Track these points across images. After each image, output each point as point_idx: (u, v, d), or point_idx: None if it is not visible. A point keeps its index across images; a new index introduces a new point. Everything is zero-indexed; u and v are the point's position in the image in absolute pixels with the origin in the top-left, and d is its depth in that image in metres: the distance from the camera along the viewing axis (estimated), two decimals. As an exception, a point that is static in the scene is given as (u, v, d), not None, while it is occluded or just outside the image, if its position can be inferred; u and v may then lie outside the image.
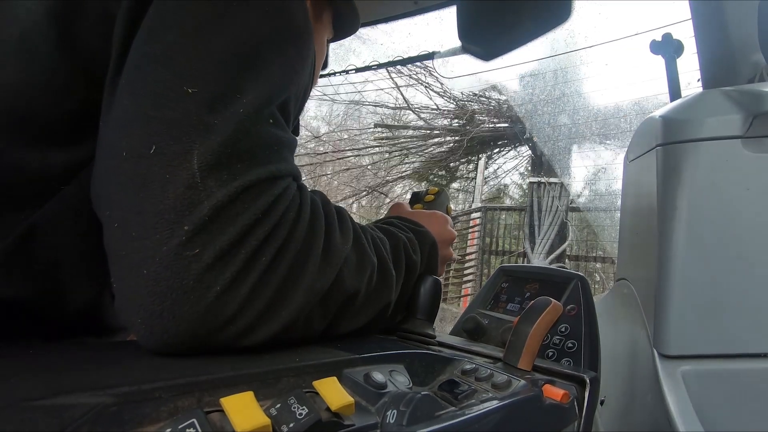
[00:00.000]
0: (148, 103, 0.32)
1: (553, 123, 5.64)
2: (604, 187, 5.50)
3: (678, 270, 0.61)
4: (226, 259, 0.31)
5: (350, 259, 0.39)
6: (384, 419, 0.30)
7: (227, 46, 0.33)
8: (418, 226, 0.54)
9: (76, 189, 0.36)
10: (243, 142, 0.33)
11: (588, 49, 5.51)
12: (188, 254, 0.30)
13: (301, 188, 0.38)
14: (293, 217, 0.35)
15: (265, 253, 0.32)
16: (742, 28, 0.79)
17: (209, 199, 0.30)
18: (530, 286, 0.64)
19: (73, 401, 0.23)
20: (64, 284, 0.38)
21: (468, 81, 6.14)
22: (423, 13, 1.06)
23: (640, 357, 0.65)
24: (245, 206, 0.32)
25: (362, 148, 8.87)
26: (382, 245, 0.45)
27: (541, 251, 5.35)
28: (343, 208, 0.43)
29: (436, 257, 0.53)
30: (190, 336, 0.31)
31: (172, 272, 0.30)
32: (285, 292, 0.34)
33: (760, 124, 0.61)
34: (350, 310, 0.41)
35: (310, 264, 0.35)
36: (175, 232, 0.30)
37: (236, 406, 0.25)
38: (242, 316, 0.32)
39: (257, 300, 0.32)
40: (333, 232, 0.38)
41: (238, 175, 0.32)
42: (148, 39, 0.33)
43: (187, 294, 0.30)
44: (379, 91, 8.29)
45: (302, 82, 0.40)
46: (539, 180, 5.59)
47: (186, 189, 0.30)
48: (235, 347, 0.33)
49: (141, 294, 0.30)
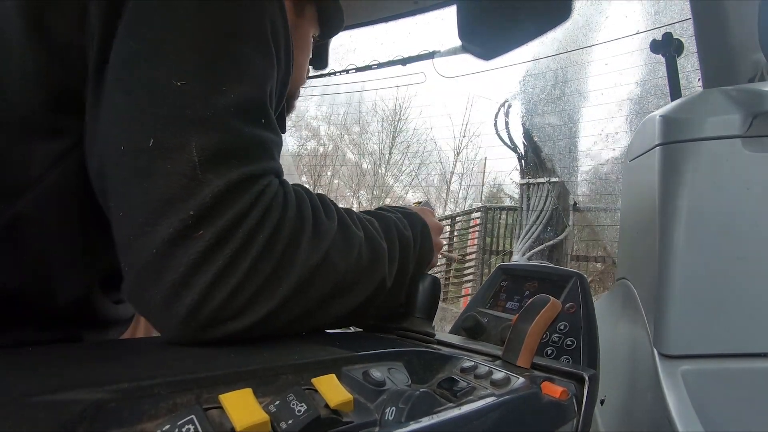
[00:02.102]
0: (140, 98, 0.34)
1: (552, 123, 5.64)
2: (604, 187, 5.50)
3: (678, 269, 0.61)
4: (225, 238, 0.34)
5: (337, 237, 0.42)
6: (383, 416, 0.30)
7: (209, 38, 0.36)
8: (406, 209, 0.56)
9: (58, 179, 0.37)
10: (237, 140, 0.36)
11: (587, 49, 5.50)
12: (194, 235, 0.33)
13: (282, 181, 0.41)
14: (281, 201, 0.38)
15: (261, 234, 0.36)
16: (742, 28, 0.79)
17: (209, 188, 0.34)
18: (529, 285, 0.64)
19: (72, 397, 0.23)
20: (52, 275, 0.40)
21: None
22: (423, 12, 1.07)
23: (640, 356, 0.65)
24: (241, 194, 0.35)
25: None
26: (369, 223, 0.47)
27: (521, 248, 5.38)
28: (323, 194, 0.46)
29: (429, 236, 0.55)
30: (195, 311, 0.34)
31: (182, 250, 0.33)
32: (281, 270, 0.37)
33: (760, 123, 0.61)
34: (346, 285, 0.42)
35: (302, 243, 0.38)
36: (181, 214, 0.33)
37: (235, 402, 0.25)
38: (241, 292, 0.35)
39: (255, 277, 0.35)
40: (319, 214, 0.41)
41: (234, 168, 0.35)
42: (132, 33, 0.35)
43: (193, 270, 0.33)
44: (380, 90, 8.30)
45: (280, 77, 0.42)
46: (527, 181, 5.64)
47: (190, 180, 0.33)
48: (237, 326, 0.35)
49: (151, 273, 0.34)
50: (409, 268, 0.51)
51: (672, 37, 0.87)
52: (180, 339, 0.35)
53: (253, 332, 0.36)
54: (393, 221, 0.50)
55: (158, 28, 0.35)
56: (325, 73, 1.41)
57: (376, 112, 9.27)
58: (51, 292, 0.40)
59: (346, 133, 9.53)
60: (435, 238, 0.56)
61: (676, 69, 0.89)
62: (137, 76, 0.34)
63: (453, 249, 7.00)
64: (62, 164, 0.37)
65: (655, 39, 0.89)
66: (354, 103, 9.12)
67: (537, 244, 5.37)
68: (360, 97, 8.65)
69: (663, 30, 2.38)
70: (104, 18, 0.35)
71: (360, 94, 8.43)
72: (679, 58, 0.89)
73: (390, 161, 10.28)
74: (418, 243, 0.52)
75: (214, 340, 0.35)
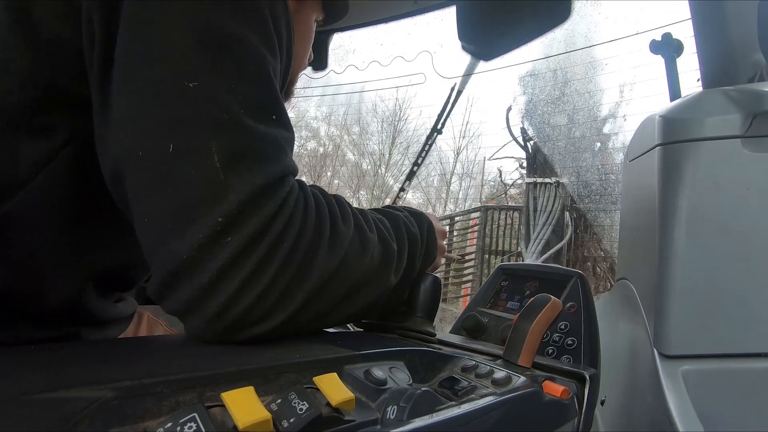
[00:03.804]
0: (152, 101, 0.33)
1: (553, 123, 5.64)
2: (604, 187, 5.49)
3: (678, 269, 0.61)
4: (253, 246, 0.34)
5: (354, 239, 0.42)
6: (384, 415, 0.30)
7: (213, 34, 0.35)
8: (413, 209, 0.57)
9: (48, 178, 0.37)
10: (253, 140, 0.35)
11: (587, 49, 5.51)
12: (223, 241, 0.33)
13: (300, 183, 0.40)
14: (303, 207, 0.38)
15: (286, 239, 0.36)
16: (742, 28, 0.79)
17: (235, 194, 0.34)
18: (530, 284, 0.64)
19: (74, 395, 0.23)
20: (43, 276, 0.39)
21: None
22: (423, 13, 1.06)
23: (641, 356, 0.65)
24: (266, 201, 0.35)
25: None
26: (381, 224, 0.47)
27: (534, 250, 5.37)
28: (341, 196, 0.46)
29: (434, 235, 0.55)
30: (222, 315, 0.34)
31: (210, 256, 0.33)
32: (303, 273, 0.37)
33: (760, 123, 0.61)
34: (359, 286, 0.43)
35: (321, 247, 0.38)
36: (210, 222, 0.33)
37: (237, 400, 0.25)
38: (267, 297, 0.35)
39: (279, 281, 0.35)
40: (336, 218, 0.41)
41: (255, 171, 0.35)
42: (135, 34, 0.34)
43: (221, 276, 0.33)
44: (380, 91, 8.30)
45: (282, 68, 0.42)
46: (534, 180, 5.62)
47: (214, 184, 0.33)
48: (260, 330, 0.36)
49: (181, 278, 0.34)
50: (416, 265, 0.52)
51: (671, 38, 0.87)
52: (204, 339, 0.36)
53: (273, 334, 0.37)
54: (402, 219, 0.51)
55: (162, 22, 0.34)
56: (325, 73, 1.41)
57: (375, 112, 9.28)
58: (42, 292, 0.39)
59: (346, 133, 9.54)
60: (439, 241, 0.57)
61: (676, 69, 0.89)
62: (146, 78, 0.33)
63: (452, 249, 7.00)
64: (52, 164, 0.37)
65: (655, 39, 0.89)
66: (354, 103, 9.13)
67: (547, 248, 5.36)
68: (360, 97, 8.65)
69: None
70: (104, 17, 0.34)
71: (360, 94, 8.43)
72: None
73: (390, 161, 10.28)
74: (425, 240, 0.53)
75: (236, 342, 0.36)
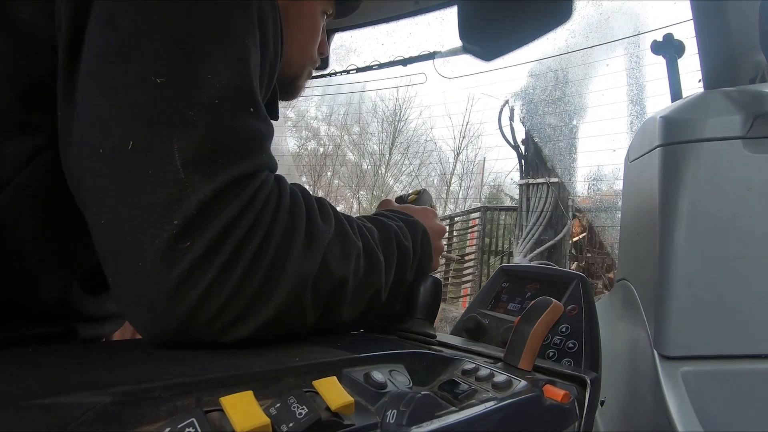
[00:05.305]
0: (117, 96, 0.31)
1: (552, 123, 5.65)
2: (605, 187, 5.50)
3: (678, 271, 0.61)
4: (215, 249, 0.32)
5: (334, 244, 0.40)
6: (384, 419, 0.30)
7: (188, 23, 0.33)
8: (408, 216, 0.55)
9: (31, 178, 0.36)
10: (223, 136, 0.33)
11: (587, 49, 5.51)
12: (181, 246, 0.31)
13: (279, 179, 0.38)
14: (274, 206, 0.36)
15: (251, 241, 0.33)
16: (743, 29, 0.78)
17: (195, 194, 0.31)
18: (531, 286, 0.64)
19: (72, 400, 0.23)
20: (30, 275, 0.38)
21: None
22: (424, 13, 1.06)
23: (641, 358, 0.65)
24: (230, 200, 0.33)
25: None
26: (368, 233, 0.45)
27: (522, 249, 5.41)
28: (324, 198, 0.44)
29: (429, 245, 0.54)
30: (187, 324, 0.32)
31: (167, 264, 0.31)
32: (274, 278, 0.35)
33: (761, 124, 0.61)
34: (341, 297, 0.41)
35: (294, 249, 0.36)
36: (166, 225, 0.31)
37: (236, 405, 0.25)
38: (235, 302, 0.33)
39: (247, 286, 0.33)
40: (314, 218, 0.39)
41: (221, 169, 0.33)
42: (106, 23, 0.32)
43: (182, 283, 0.31)
44: (380, 91, 8.30)
45: (269, 60, 0.40)
46: (527, 181, 5.67)
47: (173, 185, 0.31)
48: (231, 337, 0.34)
49: (138, 286, 0.31)
50: (407, 278, 0.50)
51: (673, 38, 0.87)
52: (174, 346, 0.34)
53: (252, 340, 0.35)
54: (393, 230, 0.49)
55: (133, 15, 0.32)
56: (325, 73, 1.40)
57: (376, 112, 9.28)
58: (31, 290, 0.38)
59: (347, 133, 9.54)
60: (436, 242, 0.55)
61: (677, 70, 0.89)
62: (114, 72, 0.31)
63: (452, 250, 7.01)
64: (35, 162, 0.35)
65: (656, 40, 0.89)
66: (354, 103, 9.12)
67: (537, 246, 5.40)
68: (360, 97, 8.65)
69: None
70: (74, 9, 0.33)
71: (360, 94, 8.43)
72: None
73: (390, 162, 10.28)
74: (417, 253, 0.51)
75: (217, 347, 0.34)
